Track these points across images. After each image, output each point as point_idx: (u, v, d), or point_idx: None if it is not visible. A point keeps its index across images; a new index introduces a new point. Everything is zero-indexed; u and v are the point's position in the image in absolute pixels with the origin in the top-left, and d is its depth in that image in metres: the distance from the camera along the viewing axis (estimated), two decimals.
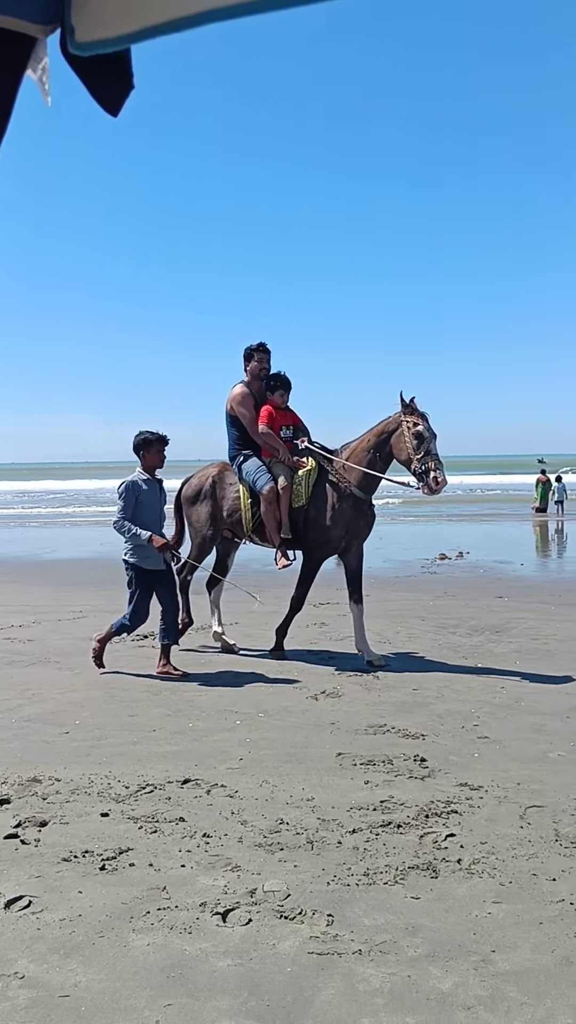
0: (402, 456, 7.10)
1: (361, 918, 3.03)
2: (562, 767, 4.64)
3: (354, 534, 7.43)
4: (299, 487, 7.37)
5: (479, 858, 3.50)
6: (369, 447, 7.30)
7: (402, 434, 7.09)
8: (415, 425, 7.03)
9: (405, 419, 7.11)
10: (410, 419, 7.08)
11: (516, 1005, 2.52)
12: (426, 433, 6.98)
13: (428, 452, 6.94)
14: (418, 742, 5.07)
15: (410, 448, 7.00)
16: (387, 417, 7.35)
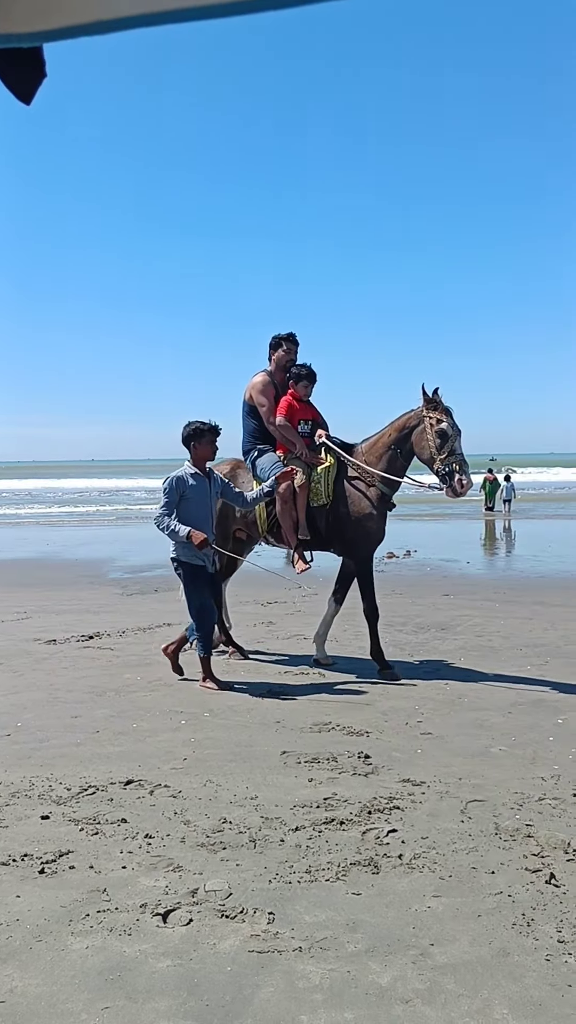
0: (424, 455, 6.68)
1: (302, 915, 3.04)
2: (503, 762, 4.70)
3: (382, 531, 7.05)
4: (318, 485, 6.93)
5: (420, 853, 3.53)
6: (389, 443, 6.88)
7: (424, 431, 6.66)
8: (438, 422, 6.59)
9: (428, 415, 6.66)
10: (433, 415, 6.63)
11: (453, 997, 2.54)
12: (450, 431, 6.56)
13: (452, 452, 6.54)
14: (362, 739, 5.10)
15: (432, 447, 6.58)
16: (408, 411, 6.90)
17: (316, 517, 6.96)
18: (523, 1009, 2.48)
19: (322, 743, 5.01)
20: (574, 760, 4.70)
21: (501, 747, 4.95)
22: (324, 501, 6.92)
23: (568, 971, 2.67)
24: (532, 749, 4.91)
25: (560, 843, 3.58)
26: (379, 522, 6.94)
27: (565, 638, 8.17)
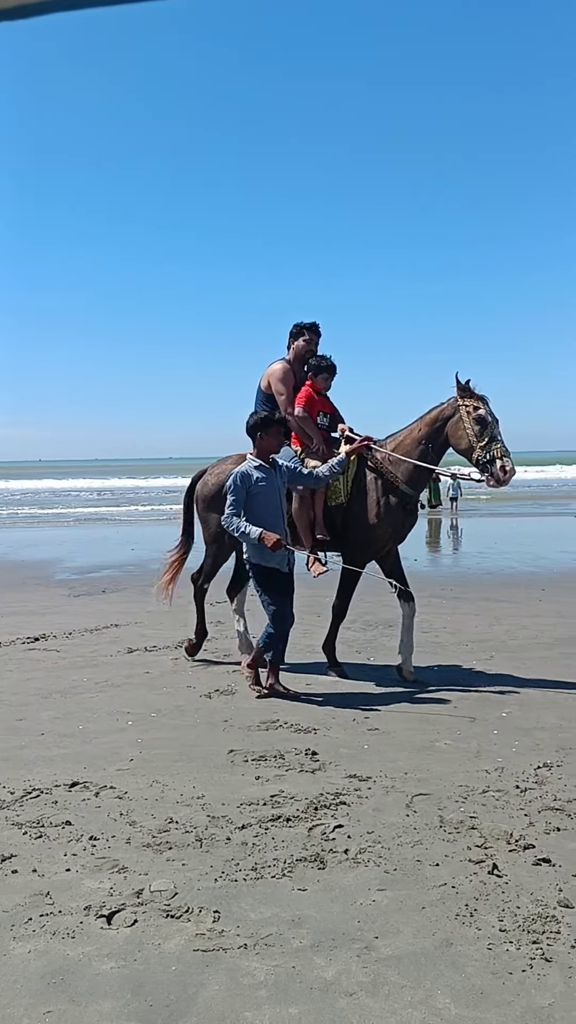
0: (462, 444, 6.31)
1: (248, 913, 3.04)
2: (448, 755, 4.75)
3: (398, 535, 6.72)
4: (336, 482, 6.53)
5: (365, 847, 3.55)
6: (420, 438, 6.48)
7: (460, 420, 6.31)
8: (475, 409, 6.26)
9: (463, 403, 6.33)
10: (469, 402, 6.31)
11: (396, 989, 2.57)
12: (489, 417, 6.22)
13: (493, 439, 6.19)
14: (310, 736, 5.12)
15: (471, 435, 6.23)
16: (439, 403, 6.53)
17: (332, 516, 6.57)
18: (465, 998, 2.51)
19: (269, 741, 5.02)
20: (517, 753, 4.77)
21: (446, 741, 5.01)
22: (342, 499, 6.55)
23: (509, 959, 2.71)
24: (477, 743, 4.97)
25: (503, 834, 3.64)
26: (392, 528, 6.55)
27: (510, 633, 8.29)
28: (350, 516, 6.55)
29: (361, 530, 6.52)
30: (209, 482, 7.09)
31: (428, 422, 6.50)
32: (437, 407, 6.51)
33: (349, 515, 6.55)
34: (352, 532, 6.55)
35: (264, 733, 5.19)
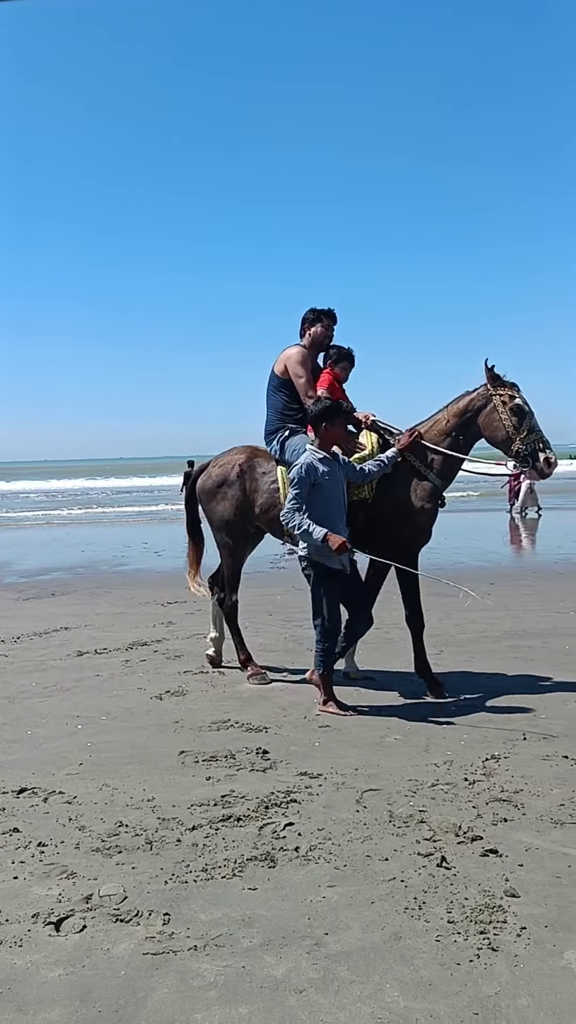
0: (499, 436, 5.92)
1: (198, 914, 3.03)
2: (398, 750, 4.79)
3: (428, 533, 6.29)
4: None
5: (316, 844, 3.57)
6: (449, 429, 6.06)
7: (495, 410, 5.92)
8: (511, 398, 5.90)
9: (496, 392, 5.95)
10: (503, 391, 5.94)
11: (346, 984, 2.58)
12: (526, 407, 5.89)
13: (531, 429, 5.86)
14: (261, 735, 5.12)
15: (509, 426, 5.85)
16: (466, 393, 6.11)
17: (354, 512, 6.01)
18: (414, 990, 2.54)
19: (220, 741, 5.00)
20: (466, 746, 4.83)
21: (396, 736, 5.05)
22: (366, 495, 6.05)
23: (457, 950, 2.74)
24: (426, 737, 5.02)
25: (452, 827, 3.68)
26: (428, 521, 6.15)
27: (459, 627, 8.40)
28: (378, 513, 6.06)
29: (396, 525, 6.04)
30: (213, 474, 6.64)
31: (457, 412, 6.08)
32: (465, 396, 6.09)
33: (377, 512, 6.06)
34: (387, 529, 6.06)
35: (215, 733, 5.18)
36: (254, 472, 6.48)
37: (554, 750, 4.70)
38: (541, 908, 3.00)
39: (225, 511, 6.54)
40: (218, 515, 6.60)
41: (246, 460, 6.55)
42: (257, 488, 6.42)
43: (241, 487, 6.46)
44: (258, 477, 6.45)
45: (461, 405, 6.08)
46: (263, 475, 6.44)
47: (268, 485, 6.37)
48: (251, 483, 6.45)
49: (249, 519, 6.51)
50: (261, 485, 6.41)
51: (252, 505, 6.42)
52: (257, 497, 6.41)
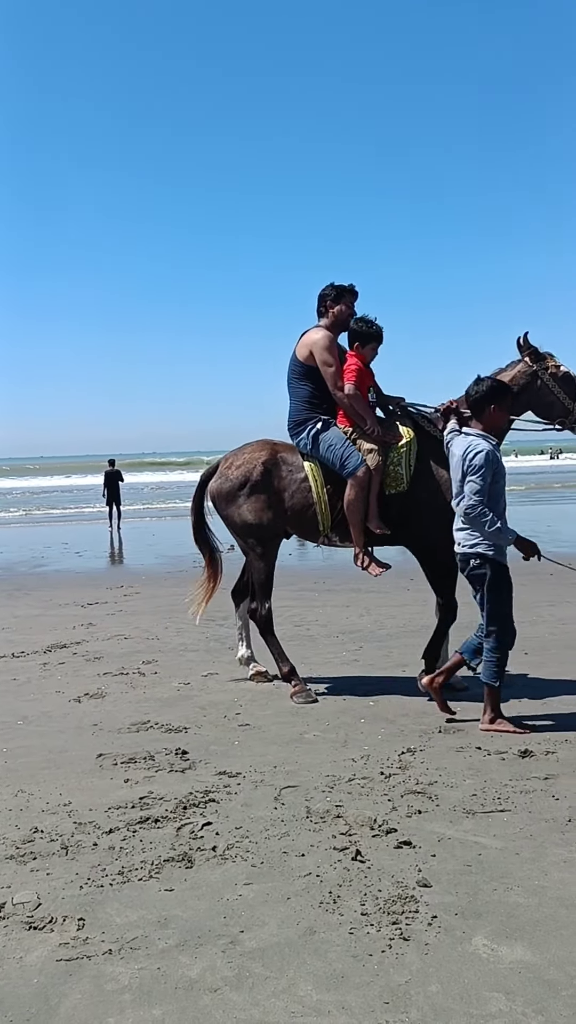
0: (555, 411, 5.64)
1: (113, 917, 3.01)
2: (316, 746, 4.84)
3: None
4: (397, 468, 5.67)
5: (233, 843, 3.58)
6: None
7: (544, 385, 5.61)
8: (559, 368, 5.63)
9: (540, 367, 5.64)
10: (548, 364, 5.65)
11: (260, 980, 2.60)
12: (573, 373, 5.62)
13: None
14: (180, 735, 5.11)
15: (564, 398, 5.57)
16: (501, 369, 5.76)
17: (390, 506, 5.75)
18: (326, 983, 2.58)
19: (139, 743, 4.98)
20: (383, 740, 4.91)
21: (315, 733, 5.10)
22: (404, 486, 5.70)
23: (369, 941, 2.79)
24: (344, 732, 5.08)
25: (367, 820, 3.73)
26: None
27: (378, 623, 8.52)
28: (412, 503, 5.73)
29: (432, 516, 5.63)
30: (232, 475, 6.04)
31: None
32: (504, 374, 5.68)
33: (411, 502, 5.73)
34: (423, 519, 5.72)
35: (134, 735, 5.15)
36: (280, 470, 5.96)
37: (468, 741, 4.82)
38: (452, 896, 3.07)
39: (252, 514, 5.95)
40: (244, 520, 5.99)
41: (269, 457, 6.00)
42: (287, 486, 5.91)
43: (267, 487, 5.92)
44: (285, 475, 5.93)
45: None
46: (290, 473, 5.93)
47: (299, 483, 5.88)
48: (279, 482, 5.93)
49: (280, 520, 6.00)
50: (291, 484, 5.91)
51: (281, 506, 5.93)
52: (286, 496, 5.91)
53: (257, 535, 6.03)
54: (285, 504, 5.92)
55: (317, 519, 5.85)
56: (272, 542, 6.13)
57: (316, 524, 5.88)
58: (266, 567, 6.13)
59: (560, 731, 4.95)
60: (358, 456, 5.64)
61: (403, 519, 5.79)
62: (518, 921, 2.89)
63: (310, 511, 5.85)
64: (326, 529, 5.87)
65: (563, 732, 4.93)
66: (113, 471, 23.33)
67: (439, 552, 5.74)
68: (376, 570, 5.82)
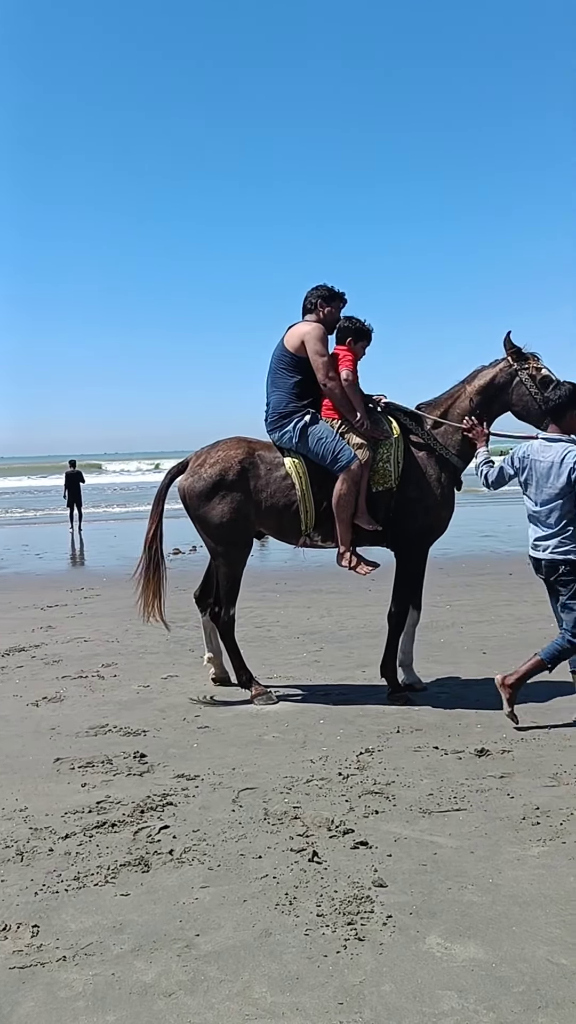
0: (531, 411, 5.64)
1: (68, 924, 2.99)
2: (275, 747, 4.85)
3: (450, 519, 5.98)
4: (386, 464, 5.64)
5: (190, 846, 3.58)
6: (471, 408, 5.76)
7: (522, 384, 5.65)
8: (538, 371, 5.64)
9: (522, 367, 5.69)
10: (529, 364, 5.69)
11: (215, 984, 2.60)
12: (554, 376, 5.59)
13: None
14: (139, 739, 5.09)
15: (541, 399, 5.52)
16: (483, 368, 5.87)
17: (376, 504, 5.69)
18: (281, 984, 2.58)
19: (98, 746, 4.95)
20: (341, 741, 4.93)
21: (274, 734, 5.11)
22: (392, 484, 5.68)
23: (325, 942, 2.81)
24: (303, 733, 5.09)
25: (324, 821, 3.75)
26: (450, 508, 5.91)
27: (339, 624, 8.55)
28: (405, 501, 5.72)
29: (423, 515, 5.73)
30: (206, 473, 5.78)
31: (479, 390, 5.79)
32: (487, 373, 5.81)
33: (403, 500, 5.72)
34: (412, 519, 5.74)
35: (92, 739, 5.11)
36: (258, 469, 5.76)
37: (425, 741, 4.86)
38: (407, 896, 3.10)
39: (224, 515, 5.72)
40: (215, 521, 5.76)
41: (246, 455, 5.79)
42: (264, 486, 5.72)
43: (243, 487, 5.72)
44: (263, 474, 5.74)
45: (483, 382, 5.80)
46: (269, 471, 5.74)
47: (279, 481, 5.70)
48: (255, 482, 5.73)
49: (252, 523, 5.83)
50: (270, 481, 5.72)
51: (257, 507, 5.74)
52: (264, 495, 5.71)
53: (230, 538, 5.82)
54: (263, 505, 5.73)
55: (300, 518, 5.69)
56: (244, 546, 5.97)
57: (298, 524, 5.71)
58: (234, 572, 5.95)
59: (517, 730, 5.01)
60: (350, 450, 5.53)
61: (394, 518, 5.75)
62: (471, 920, 2.93)
63: (292, 510, 5.68)
64: (308, 528, 5.73)
65: (519, 731, 4.99)
66: (74, 472, 23.15)
67: (424, 552, 5.89)
68: (364, 569, 5.67)
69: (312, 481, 5.63)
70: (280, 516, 5.73)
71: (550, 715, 5.27)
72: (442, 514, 5.82)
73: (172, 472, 6.18)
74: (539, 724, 5.10)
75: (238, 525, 5.77)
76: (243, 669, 5.97)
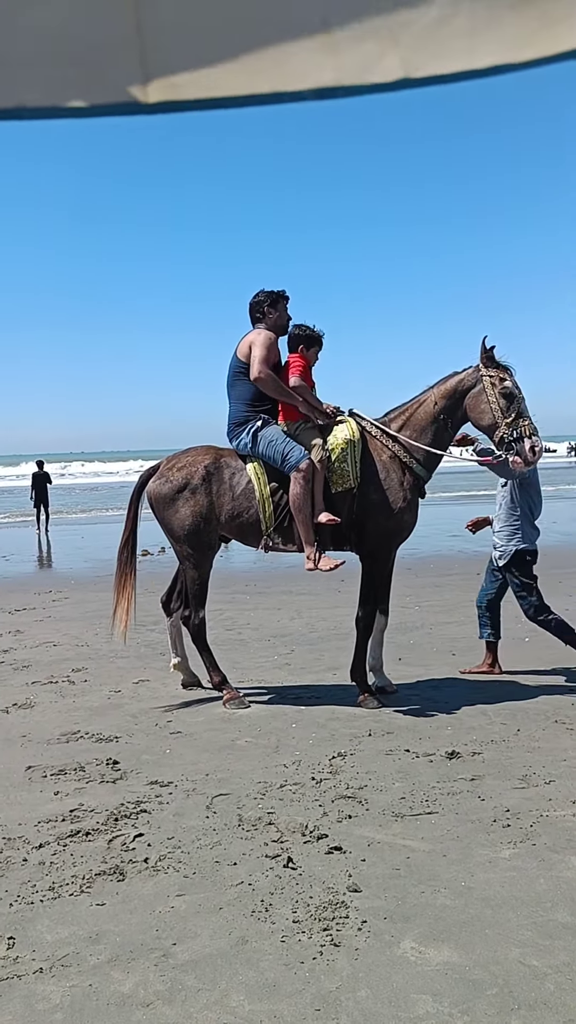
0: (484, 420, 5.68)
1: (44, 935, 2.99)
2: (248, 752, 4.87)
3: (414, 525, 6.00)
4: (343, 464, 5.63)
5: (165, 854, 3.59)
6: (437, 412, 5.78)
7: (483, 392, 5.66)
8: (501, 380, 5.64)
9: (487, 373, 5.69)
10: (494, 373, 5.68)
11: (192, 993, 2.62)
12: (516, 391, 5.62)
13: (520, 414, 5.60)
14: (112, 745, 5.08)
15: (497, 410, 5.60)
16: (454, 373, 5.86)
17: (336, 505, 5.68)
18: (258, 992, 2.61)
19: (70, 753, 4.93)
20: (314, 745, 4.96)
21: (247, 739, 5.13)
22: (351, 484, 5.68)
23: (301, 949, 2.84)
24: (276, 738, 5.12)
25: (299, 826, 3.78)
26: (414, 513, 5.91)
27: (309, 626, 8.58)
28: (367, 503, 5.71)
29: (385, 517, 5.72)
30: (172, 477, 5.89)
31: (445, 394, 5.80)
32: (455, 377, 5.84)
33: (365, 502, 5.71)
34: (376, 522, 5.74)
35: (64, 746, 5.10)
36: (222, 474, 5.85)
37: (397, 744, 4.91)
38: (381, 901, 3.14)
39: (188, 519, 5.80)
40: (179, 524, 5.84)
41: (212, 461, 5.89)
42: (227, 491, 5.80)
43: (207, 491, 5.81)
44: (227, 479, 5.82)
45: (449, 386, 5.82)
46: (232, 476, 5.82)
47: (242, 487, 5.77)
48: (219, 486, 5.82)
49: (215, 527, 5.89)
50: (233, 488, 5.80)
51: (221, 511, 5.81)
52: (225, 500, 5.80)
53: (193, 542, 5.88)
54: (225, 508, 5.79)
55: (260, 519, 5.72)
56: (208, 550, 6.00)
57: (259, 525, 5.74)
58: (201, 575, 6.01)
59: (487, 732, 5.08)
60: (300, 450, 5.55)
61: (357, 520, 5.76)
62: (445, 923, 2.97)
63: (252, 513, 5.73)
64: (268, 529, 5.74)
65: (489, 733, 5.06)
66: (41, 473, 22.97)
67: (389, 556, 5.93)
68: (328, 563, 5.61)
69: (272, 483, 5.69)
70: (242, 519, 5.78)
71: (519, 717, 5.35)
72: (405, 518, 5.82)
73: (144, 476, 6.23)
74: (508, 724, 5.18)
75: (201, 528, 5.84)
76: (216, 670, 5.99)
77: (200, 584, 6.03)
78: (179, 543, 5.96)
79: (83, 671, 6.99)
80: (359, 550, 5.91)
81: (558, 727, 5.13)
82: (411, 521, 5.91)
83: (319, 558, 5.64)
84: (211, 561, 6.09)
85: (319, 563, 5.63)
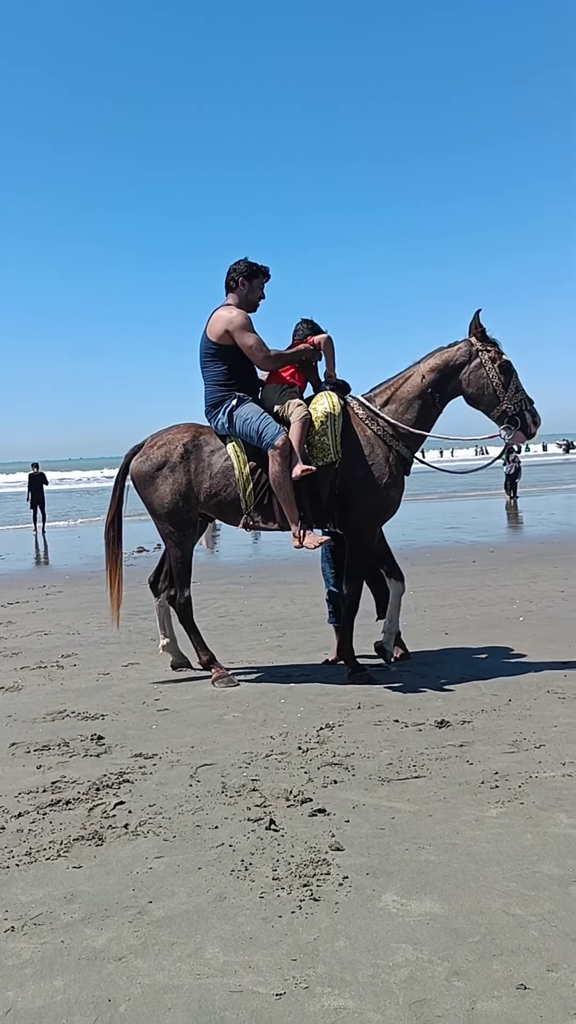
0: (485, 395, 5.61)
1: (18, 896, 2.92)
2: (235, 726, 4.80)
3: (399, 503, 5.89)
4: (323, 438, 5.51)
5: (146, 820, 3.51)
6: (425, 387, 5.69)
7: (481, 367, 5.60)
8: (500, 355, 5.60)
9: (483, 348, 5.64)
10: (491, 348, 5.63)
11: (166, 947, 2.55)
12: (512, 365, 5.61)
13: (518, 388, 5.60)
14: (97, 722, 5.00)
15: (499, 385, 5.55)
16: (444, 347, 5.78)
17: (319, 480, 5.56)
18: (234, 945, 2.54)
19: (55, 731, 4.86)
20: (302, 718, 4.89)
21: (234, 714, 5.05)
22: (333, 458, 5.55)
23: (280, 903, 2.76)
24: (264, 712, 5.05)
25: (283, 792, 3.71)
26: (400, 489, 5.79)
27: (302, 611, 8.51)
28: (351, 478, 5.61)
29: (371, 493, 5.62)
30: (152, 455, 5.87)
31: (435, 368, 5.71)
32: (443, 352, 5.76)
33: (350, 477, 5.61)
34: (360, 499, 5.62)
35: (49, 724, 5.02)
36: (200, 452, 5.77)
37: (386, 715, 4.83)
38: (364, 858, 3.06)
39: (167, 497, 5.77)
40: (159, 502, 5.83)
41: (191, 439, 5.83)
42: (205, 469, 5.73)
43: (185, 469, 5.74)
44: (205, 457, 5.75)
45: (440, 360, 5.72)
46: (212, 454, 5.75)
47: (220, 465, 5.69)
48: (197, 464, 5.75)
49: (195, 505, 5.80)
50: (209, 465, 5.72)
51: (199, 489, 5.74)
52: (203, 479, 5.72)
53: (174, 519, 5.84)
54: (204, 486, 5.72)
55: (240, 498, 5.63)
56: (190, 528, 5.93)
57: (238, 504, 5.65)
58: (183, 553, 5.97)
59: (478, 702, 5.00)
60: (276, 427, 5.45)
61: (340, 495, 5.66)
62: (428, 877, 2.90)
63: (230, 491, 5.65)
64: (248, 508, 5.64)
65: (480, 703, 4.99)
66: (37, 474, 22.98)
67: (374, 534, 5.81)
68: (313, 540, 5.48)
69: (251, 461, 5.62)
70: (221, 497, 5.70)
71: (511, 688, 5.27)
72: (391, 493, 5.70)
73: (129, 454, 6.15)
74: (499, 695, 5.11)
75: (180, 506, 5.80)
76: (204, 649, 5.96)
77: (183, 563, 6.00)
78: (160, 521, 5.93)
79: (73, 656, 6.93)
80: (343, 527, 5.80)
81: (550, 696, 5.06)
82: (397, 497, 5.80)
83: (304, 535, 5.52)
84: (194, 540, 6.05)
85: (304, 540, 5.51)
